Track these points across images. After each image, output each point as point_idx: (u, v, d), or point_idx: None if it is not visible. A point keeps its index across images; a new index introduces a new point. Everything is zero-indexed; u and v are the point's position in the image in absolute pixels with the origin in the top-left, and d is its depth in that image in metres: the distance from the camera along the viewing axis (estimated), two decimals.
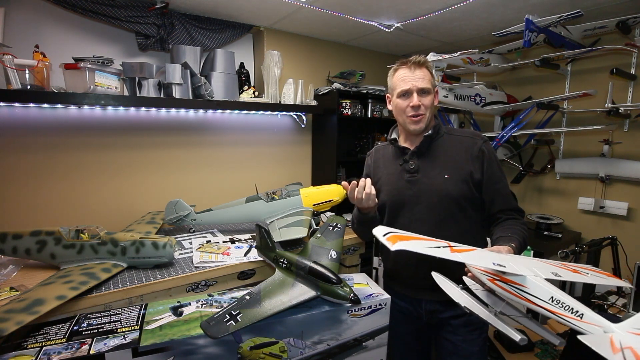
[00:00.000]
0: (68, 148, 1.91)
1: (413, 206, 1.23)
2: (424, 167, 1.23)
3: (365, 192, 1.19)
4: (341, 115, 2.61)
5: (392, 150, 1.33)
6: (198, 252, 1.61)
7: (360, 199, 1.20)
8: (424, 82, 1.19)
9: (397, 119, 1.29)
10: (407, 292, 1.31)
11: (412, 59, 1.21)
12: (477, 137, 1.25)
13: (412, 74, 1.19)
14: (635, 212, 2.14)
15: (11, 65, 1.50)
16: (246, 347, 1.04)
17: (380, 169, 1.35)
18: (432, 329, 1.33)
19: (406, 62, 1.21)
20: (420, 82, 1.18)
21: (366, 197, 1.19)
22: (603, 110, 2.08)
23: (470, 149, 1.22)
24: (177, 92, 1.92)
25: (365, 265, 2.21)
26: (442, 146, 1.24)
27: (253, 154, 2.58)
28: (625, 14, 1.88)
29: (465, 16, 2.14)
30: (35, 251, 1.37)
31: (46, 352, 0.91)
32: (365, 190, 1.19)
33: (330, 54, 2.84)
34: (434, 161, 1.23)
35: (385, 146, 1.40)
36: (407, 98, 1.21)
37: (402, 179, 1.26)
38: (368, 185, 1.20)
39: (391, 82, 1.26)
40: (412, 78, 1.19)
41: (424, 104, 1.19)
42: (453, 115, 2.80)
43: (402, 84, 1.20)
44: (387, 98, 1.31)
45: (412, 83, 1.19)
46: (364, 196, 1.19)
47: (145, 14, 1.93)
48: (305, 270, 1.18)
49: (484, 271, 0.80)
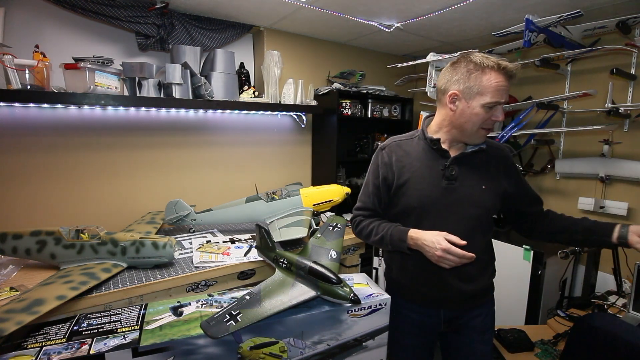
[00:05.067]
0: (68, 148, 1.91)
1: (445, 215, 1.12)
2: (463, 175, 1.12)
3: (462, 261, 1.01)
4: (341, 115, 2.61)
5: (427, 151, 1.16)
6: (198, 252, 1.61)
7: (447, 262, 1.02)
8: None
9: (458, 123, 1.09)
10: (425, 304, 1.22)
11: (510, 66, 1.03)
12: (505, 148, 1.22)
13: (506, 85, 1.03)
14: (635, 212, 2.14)
15: (11, 65, 1.50)
16: (246, 347, 1.04)
17: (407, 169, 1.16)
18: (444, 336, 1.28)
19: (504, 67, 1.02)
20: (508, 94, 1.06)
21: (459, 262, 1.02)
22: (603, 110, 2.08)
23: (503, 160, 1.18)
24: (177, 92, 1.92)
25: (365, 265, 2.21)
26: (479, 156, 1.15)
27: (253, 154, 2.58)
28: (625, 14, 1.88)
29: (465, 16, 2.14)
30: (35, 251, 1.37)
31: (46, 352, 0.91)
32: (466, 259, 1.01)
33: (330, 54, 2.84)
34: (472, 171, 1.13)
35: (408, 143, 1.21)
36: (491, 110, 1.04)
37: (438, 185, 1.12)
38: (469, 256, 1.01)
39: (476, 84, 1.03)
40: (506, 89, 1.03)
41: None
42: None
43: (496, 94, 1.02)
44: (454, 95, 1.07)
45: (505, 96, 1.04)
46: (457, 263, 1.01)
47: (145, 14, 1.93)
48: (305, 270, 1.18)
49: None
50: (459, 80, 1.06)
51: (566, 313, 1.71)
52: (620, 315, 1.62)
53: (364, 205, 1.26)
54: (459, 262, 1.00)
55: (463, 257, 0.99)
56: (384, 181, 1.19)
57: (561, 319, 1.69)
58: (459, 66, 1.06)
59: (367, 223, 1.23)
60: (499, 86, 1.01)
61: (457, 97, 1.07)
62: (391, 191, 1.19)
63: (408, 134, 1.24)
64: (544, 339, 1.58)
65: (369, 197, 1.24)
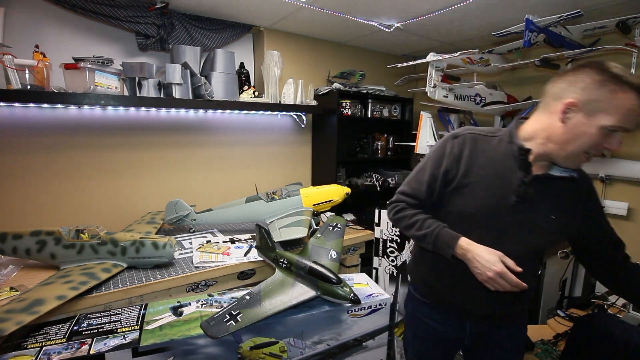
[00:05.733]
0: (68, 148, 1.91)
1: (501, 234, 0.99)
2: (536, 198, 0.97)
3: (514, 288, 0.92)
4: (341, 115, 2.61)
5: (507, 158, 1.00)
6: (198, 252, 1.61)
7: (497, 284, 0.92)
8: None
9: (561, 139, 0.92)
10: (449, 313, 1.12)
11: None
12: (590, 179, 1.04)
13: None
14: (635, 212, 2.14)
15: (11, 65, 1.50)
16: (246, 347, 1.04)
17: (476, 170, 1.01)
18: (469, 350, 1.19)
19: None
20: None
21: (509, 290, 0.92)
22: None
23: (586, 193, 1.02)
24: (177, 92, 1.92)
25: (365, 265, 2.21)
26: (563, 183, 1.00)
27: (253, 154, 2.58)
28: (625, 14, 1.88)
29: (465, 16, 2.14)
30: (35, 251, 1.37)
31: (46, 352, 0.91)
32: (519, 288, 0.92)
33: (330, 54, 2.84)
34: (547, 195, 0.98)
35: (486, 140, 1.04)
36: (609, 135, 0.88)
37: (506, 200, 0.98)
38: (522, 287, 0.91)
39: (606, 99, 0.85)
40: (639, 116, 0.87)
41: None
42: (453, 115, 2.79)
43: (625, 119, 0.85)
44: (571, 105, 0.88)
45: (635, 125, 0.88)
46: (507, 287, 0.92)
47: (145, 14, 1.93)
48: (305, 270, 1.18)
49: None
50: (583, 89, 0.87)
51: (566, 313, 1.71)
52: (620, 315, 1.62)
53: (413, 192, 1.09)
54: (510, 289, 0.90)
55: (516, 285, 0.90)
56: (444, 174, 1.04)
57: (561, 319, 1.69)
58: (586, 73, 0.88)
59: (411, 213, 1.08)
60: (633, 110, 0.84)
61: (574, 109, 0.88)
62: (449, 187, 1.04)
63: (488, 129, 1.07)
64: (544, 339, 1.58)
65: (421, 185, 1.07)
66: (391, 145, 2.99)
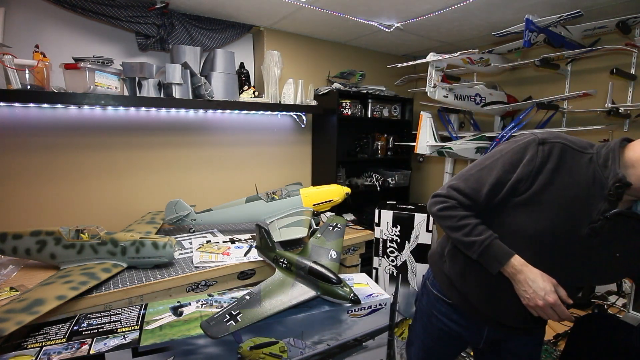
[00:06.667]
0: (68, 148, 1.91)
1: (558, 262, 0.90)
2: (608, 233, 0.87)
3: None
4: (341, 115, 2.61)
5: (594, 182, 0.86)
6: (198, 252, 1.61)
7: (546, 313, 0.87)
8: None
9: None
10: (470, 316, 1.08)
11: None
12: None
13: None
14: None
15: (11, 65, 1.50)
16: (246, 347, 1.04)
17: (555, 190, 0.87)
18: (481, 353, 1.18)
19: None
20: None
21: (555, 320, 0.89)
22: (603, 110, 2.08)
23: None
24: (177, 92, 1.92)
25: (365, 265, 2.21)
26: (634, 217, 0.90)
27: (253, 154, 2.58)
28: (625, 14, 1.88)
29: (465, 16, 2.14)
30: (35, 251, 1.37)
31: (46, 352, 0.91)
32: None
33: (330, 54, 2.84)
34: (619, 231, 0.88)
35: (576, 156, 0.88)
36: None
37: (578, 229, 0.87)
38: (569, 319, 0.89)
39: None
40: None
41: None
42: (453, 115, 2.79)
43: None
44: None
45: None
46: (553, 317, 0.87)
47: (145, 14, 1.93)
48: (305, 270, 1.18)
49: None
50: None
51: None
52: (620, 316, 1.62)
53: (470, 192, 0.95)
54: (556, 319, 0.86)
55: (566, 318, 0.85)
56: (515, 183, 0.89)
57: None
58: None
59: (461, 215, 0.95)
60: None
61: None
62: (514, 199, 0.91)
63: (579, 142, 0.91)
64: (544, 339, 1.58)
65: (482, 187, 0.93)
66: (391, 145, 3.00)
